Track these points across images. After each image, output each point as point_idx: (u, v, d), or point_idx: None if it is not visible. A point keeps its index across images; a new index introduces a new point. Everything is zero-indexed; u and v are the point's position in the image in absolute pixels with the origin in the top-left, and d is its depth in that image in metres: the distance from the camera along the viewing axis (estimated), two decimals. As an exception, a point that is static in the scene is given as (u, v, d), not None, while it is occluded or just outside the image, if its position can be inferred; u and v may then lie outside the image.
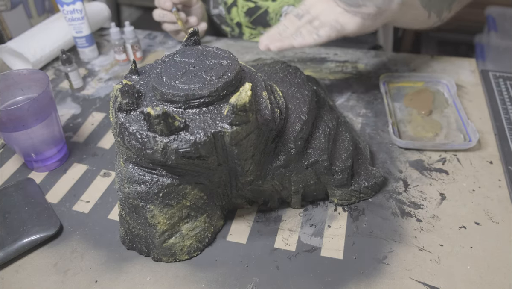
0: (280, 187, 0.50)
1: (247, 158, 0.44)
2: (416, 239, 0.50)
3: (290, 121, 0.48)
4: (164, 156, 0.41)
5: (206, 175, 0.45)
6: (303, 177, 0.50)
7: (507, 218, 0.52)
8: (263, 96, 0.46)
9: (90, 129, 0.68)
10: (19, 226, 0.50)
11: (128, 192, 0.46)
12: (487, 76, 0.76)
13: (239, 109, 0.39)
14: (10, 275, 0.47)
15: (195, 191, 0.46)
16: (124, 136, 0.43)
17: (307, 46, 0.55)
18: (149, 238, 0.47)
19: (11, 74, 0.57)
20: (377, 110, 0.70)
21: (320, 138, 0.51)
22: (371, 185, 0.54)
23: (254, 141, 0.43)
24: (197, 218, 0.48)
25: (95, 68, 0.83)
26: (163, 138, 0.40)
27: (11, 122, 0.53)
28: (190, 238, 0.48)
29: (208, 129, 0.41)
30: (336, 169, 0.51)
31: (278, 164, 0.47)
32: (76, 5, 0.79)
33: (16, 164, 0.62)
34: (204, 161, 0.42)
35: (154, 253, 0.48)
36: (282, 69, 0.56)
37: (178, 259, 0.48)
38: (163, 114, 0.39)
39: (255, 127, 0.42)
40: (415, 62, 0.82)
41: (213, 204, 0.49)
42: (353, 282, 0.46)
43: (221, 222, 0.51)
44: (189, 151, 0.40)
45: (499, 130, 0.65)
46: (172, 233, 0.47)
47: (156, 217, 0.46)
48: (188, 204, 0.46)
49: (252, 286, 0.46)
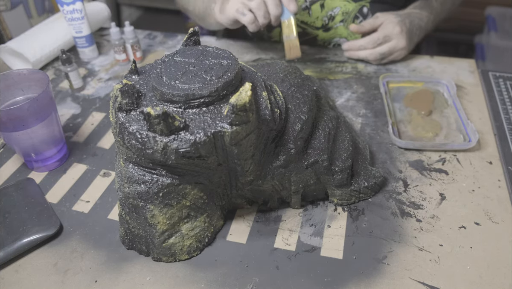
0: (280, 187, 0.50)
1: (247, 157, 0.44)
2: (416, 239, 0.50)
3: (290, 121, 0.48)
4: (164, 156, 0.41)
5: (206, 175, 0.45)
6: (303, 177, 0.50)
7: (507, 218, 0.52)
8: (263, 96, 0.46)
9: (90, 129, 0.68)
10: (19, 226, 0.50)
11: (128, 192, 0.46)
12: (487, 76, 0.77)
13: (239, 109, 0.39)
14: (10, 275, 0.47)
15: (195, 191, 0.46)
16: (124, 136, 0.43)
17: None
18: (149, 238, 0.47)
19: (11, 74, 0.57)
20: (377, 111, 0.70)
21: (320, 138, 0.51)
22: (371, 185, 0.54)
23: (254, 141, 0.43)
24: (197, 218, 0.48)
25: (95, 68, 0.83)
26: (163, 138, 0.40)
27: (11, 122, 0.53)
28: (190, 238, 0.48)
29: (208, 129, 0.41)
30: (336, 169, 0.51)
31: (278, 164, 0.47)
32: (76, 5, 0.79)
33: (16, 164, 0.62)
34: (204, 161, 0.42)
35: (154, 253, 0.48)
36: (282, 69, 0.56)
37: (178, 259, 0.48)
38: (163, 114, 0.39)
39: (255, 127, 0.42)
40: (415, 62, 0.82)
41: (213, 204, 0.49)
42: (353, 282, 0.46)
43: (221, 222, 0.51)
44: (189, 150, 0.41)
45: (499, 130, 0.65)
46: (172, 233, 0.47)
47: (156, 216, 0.46)
48: (188, 203, 0.46)
49: (252, 286, 0.46)
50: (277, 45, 0.87)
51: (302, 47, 0.80)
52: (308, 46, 0.87)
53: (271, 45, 0.88)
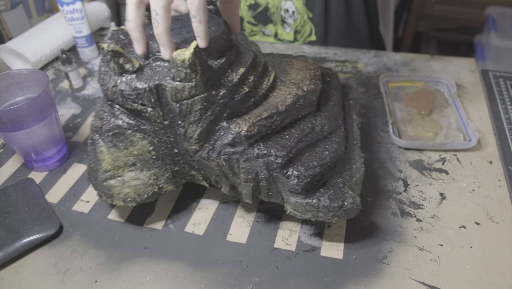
0: (229, 171, 0.47)
1: (191, 122, 0.44)
2: (416, 239, 0.50)
3: (262, 106, 0.48)
4: (113, 95, 0.44)
5: (152, 128, 0.47)
6: (253, 166, 0.46)
7: (507, 218, 0.52)
8: (237, 72, 0.46)
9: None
10: (19, 226, 0.50)
11: (92, 124, 0.49)
12: (487, 76, 0.77)
13: (178, 65, 0.41)
14: (10, 275, 0.47)
15: (143, 142, 0.48)
16: (99, 70, 0.47)
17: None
18: (96, 173, 0.50)
19: (11, 74, 0.57)
20: (377, 110, 0.70)
21: (290, 135, 0.48)
22: (334, 206, 0.45)
23: (200, 108, 0.44)
24: (142, 171, 0.49)
25: (95, 68, 0.83)
26: (114, 77, 0.44)
27: (11, 122, 0.53)
28: (130, 187, 0.49)
29: (154, 80, 0.43)
30: (293, 172, 0.45)
31: (226, 141, 0.46)
32: (76, 5, 0.79)
33: (16, 164, 0.62)
34: (148, 111, 0.45)
35: (97, 189, 0.51)
36: (298, 61, 0.55)
37: (114, 203, 0.50)
38: (113, 52, 0.42)
39: (202, 91, 0.43)
40: (415, 62, 0.82)
41: (163, 165, 0.49)
42: (353, 282, 0.46)
43: (170, 187, 0.51)
44: (131, 94, 0.43)
45: (499, 130, 0.65)
46: (113, 175, 0.49)
47: (103, 153, 0.48)
48: (135, 152, 0.48)
49: (252, 286, 0.46)
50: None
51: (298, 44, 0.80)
52: (308, 46, 0.87)
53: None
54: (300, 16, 0.89)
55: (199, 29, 0.41)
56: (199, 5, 0.40)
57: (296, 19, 0.89)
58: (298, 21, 0.90)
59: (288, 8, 0.89)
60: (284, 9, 0.89)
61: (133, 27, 0.42)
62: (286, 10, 0.89)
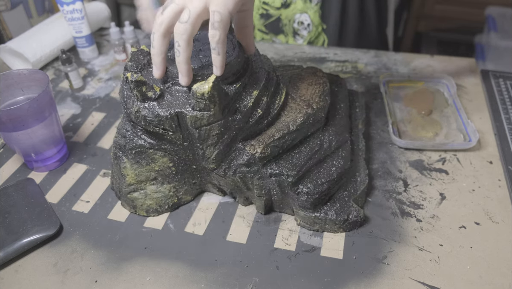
0: (243, 186, 0.51)
1: (209, 145, 0.46)
2: (416, 239, 0.50)
3: (275, 127, 0.49)
4: (137, 119, 0.47)
5: (172, 148, 0.49)
6: (265, 183, 0.49)
7: (507, 218, 0.52)
8: (252, 94, 0.47)
9: (90, 129, 0.68)
10: (19, 226, 0.50)
11: (115, 140, 0.52)
12: (487, 76, 0.76)
13: (198, 97, 0.43)
14: (10, 275, 0.47)
15: (164, 160, 0.50)
16: (122, 92, 0.49)
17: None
18: (120, 186, 0.53)
19: (11, 74, 0.57)
20: (377, 110, 0.70)
21: (301, 153, 0.50)
22: (340, 220, 0.49)
23: (218, 132, 0.45)
24: (163, 184, 0.52)
25: (95, 68, 0.83)
26: (137, 103, 0.46)
27: (11, 122, 0.53)
28: (152, 199, 0.52)
29: (175, 107, 0.45)
30: (303, 190, 0.48)
31: (241, 162, 0.48)
32: (76, 5, 0.79)
33: (16, 164, 0.62)
34: (169, 134, 0.47)
35: (121, 200, 0.54)
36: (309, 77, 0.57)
37: (137, 213, 0.53)
38: (136, 82, 0.44)
39: (218, 119, 0.45)
40: (415, 62, 0.82)
41: (182, 179, 0.52)
42: (353, 282, 0.46)
43: (188, 198, 0.54)
44: (153, 120, 0.45)
45: (499, 130, 0.65)
46: (137, 188, 0.52)
47: (127, 169, 0.51)
48: (157, 168, 0.51)
49: (252, 286, 0.46)
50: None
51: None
52: (308, 46, 0.87)
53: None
54: (315, 29, 0.89)
55: (217, 60, 0.44)
56: (219, 40, 0.42)
57: (311, 31, 0.89)
58: (313, 33, 0.89)
59: (303, 21, 0.88)
60: (299, 21, 0.89)
61: (157, 53, 0.44)
62: (301, 22, 0.89)
